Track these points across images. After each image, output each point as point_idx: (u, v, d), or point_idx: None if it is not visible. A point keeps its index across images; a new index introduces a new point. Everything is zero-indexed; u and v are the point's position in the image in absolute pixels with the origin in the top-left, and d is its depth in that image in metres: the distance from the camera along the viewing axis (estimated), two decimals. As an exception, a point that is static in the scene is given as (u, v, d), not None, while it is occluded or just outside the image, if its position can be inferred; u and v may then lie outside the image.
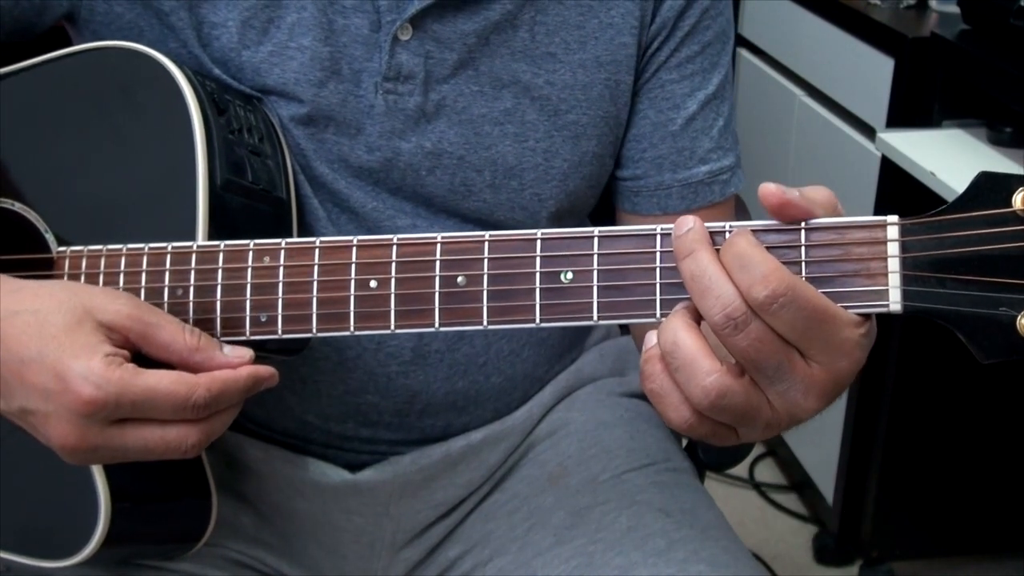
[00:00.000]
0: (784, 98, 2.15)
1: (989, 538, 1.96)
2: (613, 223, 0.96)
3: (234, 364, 0.70)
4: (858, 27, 1.86)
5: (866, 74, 1.82)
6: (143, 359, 0.69)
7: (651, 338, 0.64)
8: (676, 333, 0.62)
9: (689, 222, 0.63)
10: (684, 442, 1.11)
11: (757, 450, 2.28)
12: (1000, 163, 1.53)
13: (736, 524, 0.94)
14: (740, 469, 2.20)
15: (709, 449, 1.11)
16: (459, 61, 0.83)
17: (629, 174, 0.93)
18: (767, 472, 2.28)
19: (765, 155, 2.27)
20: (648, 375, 0.64)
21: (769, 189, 0.62)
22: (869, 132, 1.80)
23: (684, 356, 0.61)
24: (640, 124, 0.91)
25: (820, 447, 2.03)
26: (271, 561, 0.94)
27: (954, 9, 1.73)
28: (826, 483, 2.01)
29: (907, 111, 1.73)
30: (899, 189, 1.65)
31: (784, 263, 0.62)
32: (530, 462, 0.96)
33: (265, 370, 0.71)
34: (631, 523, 0.88)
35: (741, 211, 1.02)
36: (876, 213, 0.63)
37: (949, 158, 1.54)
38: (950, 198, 0.62)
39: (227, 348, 0.71)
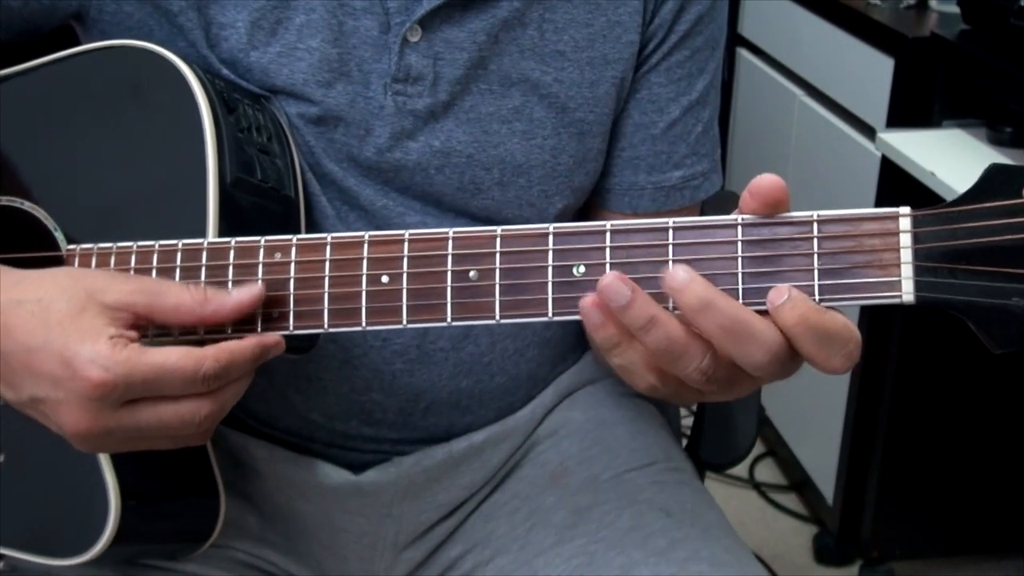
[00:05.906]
0: (784, 98, 2.15)
1: (989, 538, 1.96)
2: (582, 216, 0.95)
3: (246, 303, 0.70)
4: (858, 27, 1.86)
5: (866, 74, 1.82)
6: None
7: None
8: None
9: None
10: (684, 442, 1.11)
11: (757, 450, 2.28)
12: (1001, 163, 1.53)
13: (736, 524, 0.94)
14: (740, 469, 2.20)
15: (710, 448, 1.11)
16: (469, 61, 0.83)
17: (603, 170, 0.92)
18: (767, 472, 2.28)
19: (765, 155, 2.27)
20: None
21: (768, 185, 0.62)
22: (869, 132, 1.80)
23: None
24: (622, 123, 0.91)
25: (820, 447, 2.03)
26: (277, 560, 0.94)
27: (954, 9, 1.73)
28: (826, 483, 2.01)
29: (907, 111, 1.73)
30: (899, 189, 1.65)
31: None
32: (531, 462, 0.96)
33: (271, 338, 0.71)
34: (632, 522, 0.89)
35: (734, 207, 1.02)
36: (879, 211, 0.63)
37: (949, 158, 1.54)
38: (950, 198, 0.62)
39: (234, 290, 0.70)
